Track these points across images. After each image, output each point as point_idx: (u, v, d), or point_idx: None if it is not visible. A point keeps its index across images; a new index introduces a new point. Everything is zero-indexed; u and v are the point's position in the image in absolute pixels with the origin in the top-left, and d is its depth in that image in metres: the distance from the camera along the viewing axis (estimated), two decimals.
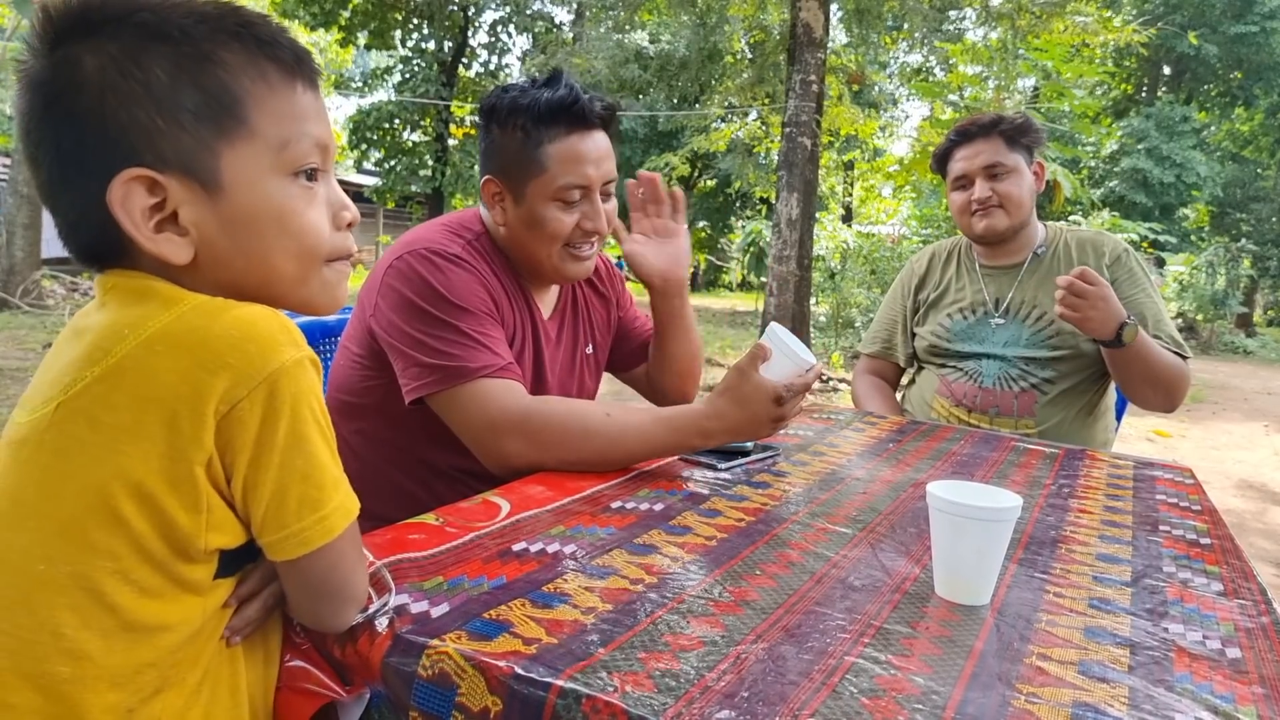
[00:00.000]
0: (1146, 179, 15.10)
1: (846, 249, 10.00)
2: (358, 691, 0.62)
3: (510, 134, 1.13)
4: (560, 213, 1.14)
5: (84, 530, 0.53)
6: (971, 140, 1.73)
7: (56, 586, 0.53)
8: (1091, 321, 1.46)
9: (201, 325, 0.54)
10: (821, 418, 1.55)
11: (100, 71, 0.55)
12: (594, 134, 1.15)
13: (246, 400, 0.53)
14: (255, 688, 0.63)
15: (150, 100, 0.56)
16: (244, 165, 0.58)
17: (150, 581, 0.55)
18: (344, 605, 0.61)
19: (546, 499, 0.92)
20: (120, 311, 0.57)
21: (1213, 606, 0.77)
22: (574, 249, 1.18)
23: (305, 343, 0.58)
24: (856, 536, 0.87)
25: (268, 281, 0.61)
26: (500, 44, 16.23)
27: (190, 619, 0.57)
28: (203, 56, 0.57)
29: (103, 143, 0.55)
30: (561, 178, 1.12)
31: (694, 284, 25.21)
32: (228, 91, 0.57)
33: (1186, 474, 1.33)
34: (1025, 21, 7.97)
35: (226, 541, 0.57)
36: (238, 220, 0.59)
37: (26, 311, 7.88)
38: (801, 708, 0.53)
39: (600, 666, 0.56)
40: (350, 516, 0.60)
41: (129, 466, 0.53)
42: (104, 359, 0.54)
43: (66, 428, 0.54)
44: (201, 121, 0.57)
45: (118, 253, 0.59)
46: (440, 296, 1.07)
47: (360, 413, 1.17)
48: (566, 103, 1.11)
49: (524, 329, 1.21)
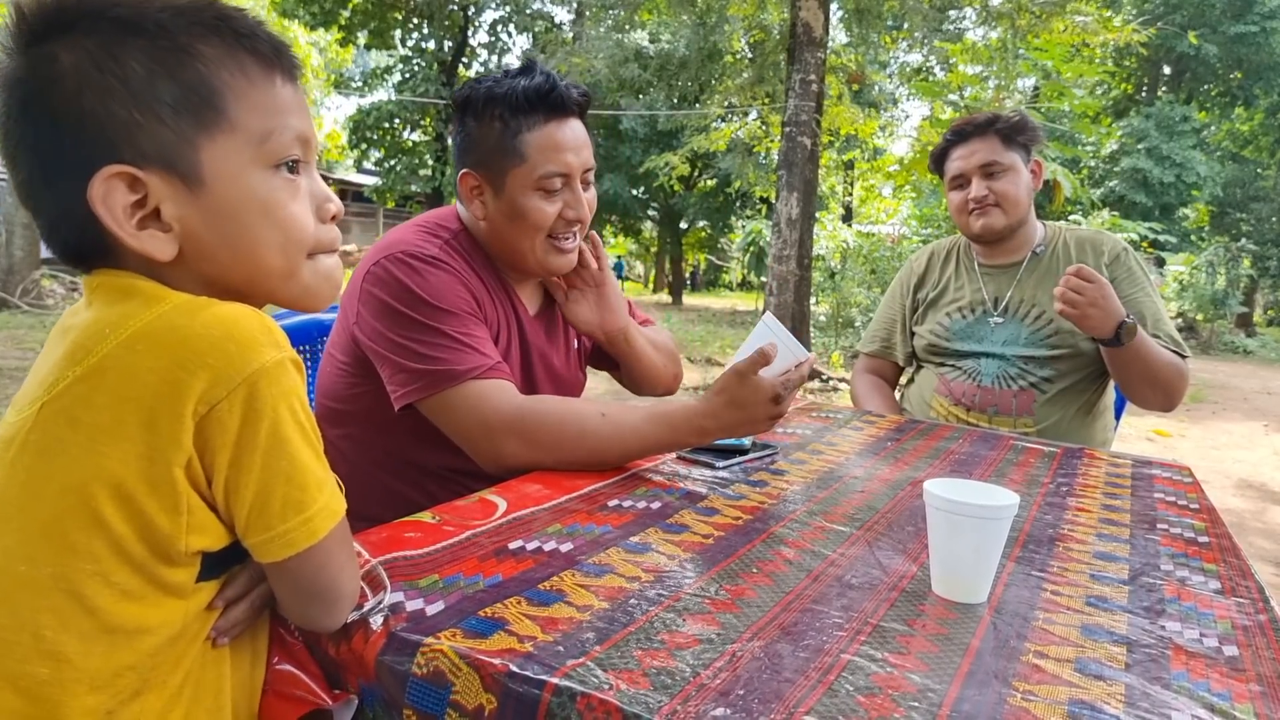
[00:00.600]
0: (1146, 179, 15.10)
1: (846, 248, 10.00)
2: (344, 699, 0.61)
3: (488, 125, 1.12)
4: (542, 202, 1.13)
5: (65, 531, 0.53)
6: (967, 140, 1.73)
7: (37, 588, 0.53)
8: (1091, 319, 1.46)
9: (182, 324, 0.54)
10: (820, 416, 1.55)
11: (76, 67, 0.54)
12: (571, 121, 1.14)
13: (226, 401, 0.53)
14: (240, 690, 0.63)
15: (128, 95, 0.55)
16: (225, 159, 0.58)
17: (130, 584, 0.54)
18: (334, 605, 0.61)
19: (543, 497, 0.92)
20: (103, 310, 0.56)
21: (1210, 604, 0.77)
22: (556, 240, 1.16)
23: (288, 344, 0.57)
24: (854, 535, 0.87)
25: (255, 276, 0.61)
26: (500, 44, 16.25)
27: (171, 622, 0.57)
28: (180, 50, 0.56)
29: (81, 140, 0.55)
30: (542, 166, 1.11)
31: (694, 283, 25.24)
32: (206, 84, 0.57)
33: (1185, 472, 1.32)
34: (1025, 21, 7.96)
35: (208, 544, 0.57)
36: (221, 214, 0.58)
37: (26, 311, 7.88)
38: (797, 705, 0.53)
39: (595, 664, 0.56)
40: (336, 517, 0.59)
41: (109, 467, 0.52)
42: (85, 358, 0.54)
43: (49, 428, 0.53)
44: (180, 115, 0.56)
45: (101, 251, 0.58)
46: (420, 300, 1.05)
47: (348, 419, 1.16)
48: (544, 90, 1.10)
49: (508, 325, 1.20)
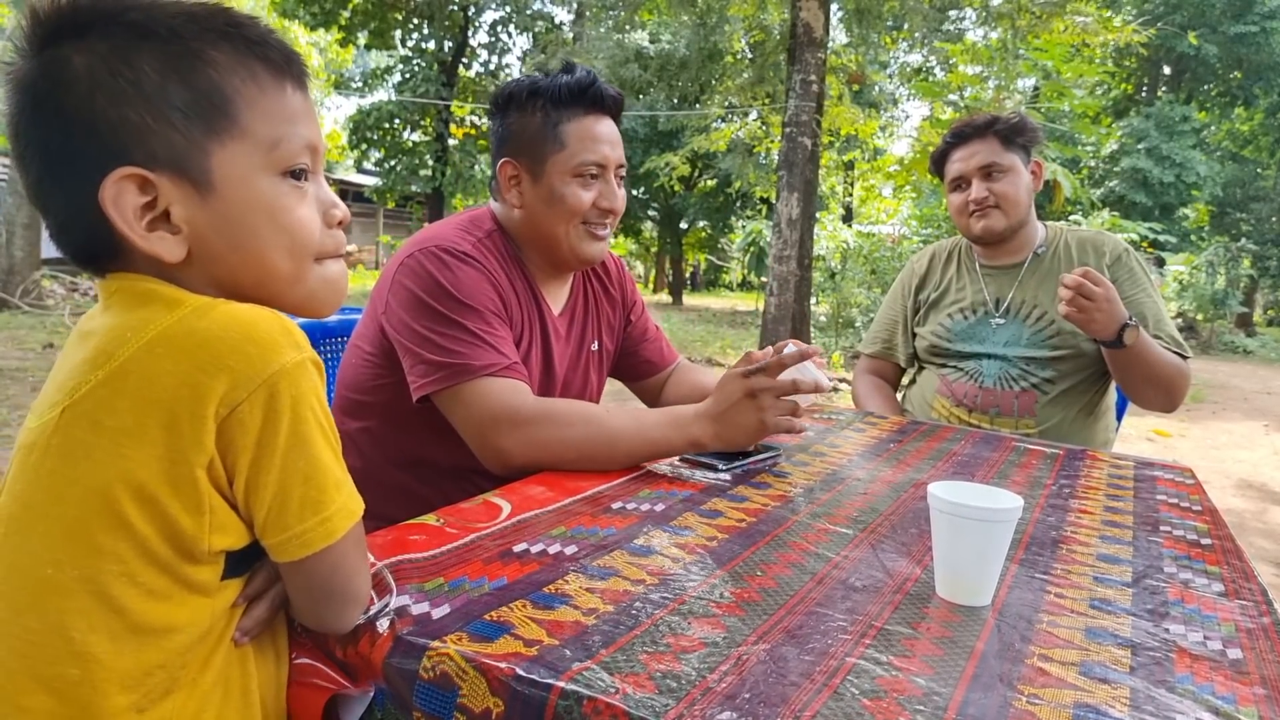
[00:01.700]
0: (1146, 179, 15.10)
1: (846, 249, 9.99)
2: (364, 686, 0.62)
3: (530, 115, 1.18)
4: (579, 189, 1.19)
5: (90, 534, 0.53)
6: (967, 141, 1.73)
7: (65, 590, 0.53)
8: (1096, 323, 1.46)
9: (201, 327, 0.54)
10: (822, 418, 1.55)
11: (89, 70, 0.55)
12: (606, 119, 1.22)
13: (247, 403, 0.53)
14: (267, 688, 0.63)
15: (140, 98, 0.56)
16: (235, 164, 0.59)
17: (156, 583, 0.55)
18: (346, 607, 0.61)
19: (548, 500, 0.92)
20: (123, 315, 0.57)
21: (1214, 607, 0.77)
22: (591, 227, 1.21)
23: (308, 344, 0.58)
24: (857, 537, 0.87)
25: (263, 279, 0.62)
26: (500, 44, 16.23)
27: (198, 620, 0.57)
28: (192, 55, 0.57)
29: (92, 142, 0.55)
30: (580, 154, 1.18)
31: (694, 284, 25.23)
32: (218, 90, 0.58)
33: (1187, 474, 1.32)
34: (1025, 21, 7.97)
35: (231, 543, 0.57)
36: (229, 217, 0.59)
37: (26, 311, 7.88)
38: (803, 709, 0.53)
39: (601, 668, 0.56)
40: (353, 518, 0.60)
41: (131, 469, 0.53)
42: (107, 363, 0.54)
43: (71, 432, 0.54)
44: (192, 120, 0.57)
45: (111, 253, 0.59)
46: (448, 294, 1.08)
47: (368, 411, 1.18)
48: (584, 85, 1.18)
49: (532, 325, 1.22)
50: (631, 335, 1.43)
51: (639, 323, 1.44)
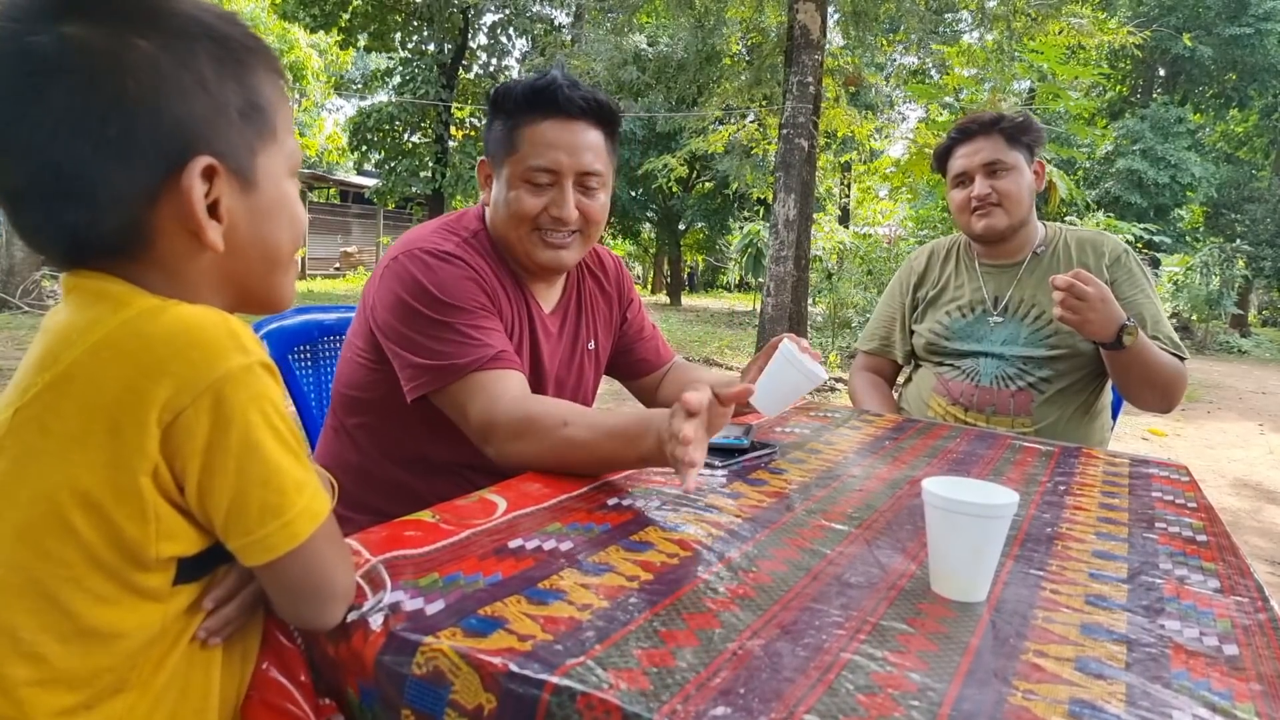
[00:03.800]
0: (1141, 180, 15.13)
1: (843, 250, 10.01)
2: (329, 713, 0.61)
3: (498, 117, 1.18)
4: (527, 194, 1.16)
5: (38, 538, 0.53)
6: (972, 138, 1.73)
7: (15, 590, 0.53)
8: (1092, 324, 1.46)
9: (145, 331, 0.54)
10: (818, 415, 1.55)
11: (152, 59, 0.55)
12: (573, 124, 1.16)
13: (191, 408, 0.53)
14: (230, 689, 0.63)
15: (206, 95, 0.58)
16: (272, 164, 0.63)
17: (104, 589, 0.54)
18: (326, 604, 0.61)
19: (543, 496, 0.92)
20: (74, 314, 0.57)
21: (1210, 603, 0.77)
22: (544, 234, 1.18)
23: (258, 347, 0.57)
24: (853, 533, 0.87)
25: (272, 268, 0.66)
26: (500, 46, 16.23)
27: (148, 625, 0.57)
28: (238, 61, 0.60)
29: (157, 131, 0.55)
30: (530, 159, 1.15)
31: (692, 284, 25.23)
32: (262, 97, 0.62)
33: (1182, 471, 1.33)
34: (1021, 24, 7.98)
35: (181, 550, 0.57)
36: (261, 212, 0.63)
37: (26, 312, 7.87)
38: (797, 704, 0.53)
39: (595, 663, 0.56)
40: (318, 519, 0.59)
41: (77, 476, 0.52)
42: (54, 365, 0.54)
43: (21, 435, 0.54)
44: (246, 121, 0.61)
45: (123, 243, 0.58)
46: (431, 295, 1.08)
47: (364, 407, 1.19)
48: (539, 88, 1.14)
49: (520, 323, 1.22)
50: (627, 333, 1.43)
51: (635, 320, 1.44)
